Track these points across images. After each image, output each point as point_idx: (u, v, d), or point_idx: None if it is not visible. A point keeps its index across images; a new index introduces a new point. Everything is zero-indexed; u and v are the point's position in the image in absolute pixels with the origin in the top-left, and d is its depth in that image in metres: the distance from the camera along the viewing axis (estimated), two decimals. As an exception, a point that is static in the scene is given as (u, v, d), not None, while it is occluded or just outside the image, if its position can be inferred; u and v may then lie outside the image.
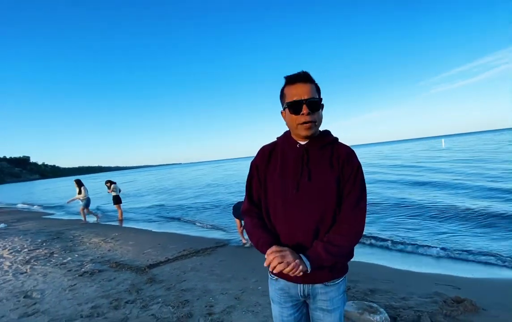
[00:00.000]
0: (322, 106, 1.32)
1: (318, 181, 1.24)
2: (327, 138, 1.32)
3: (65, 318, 3.20)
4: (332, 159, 1.27)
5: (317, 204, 1.22)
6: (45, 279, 4.57)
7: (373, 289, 3.48)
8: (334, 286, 1.30)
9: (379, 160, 31.00)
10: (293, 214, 1.24)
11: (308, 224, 1.22)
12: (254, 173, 1.39)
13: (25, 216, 15.06)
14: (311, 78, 1.27)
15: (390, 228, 6.95)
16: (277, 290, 1.37)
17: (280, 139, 1.40)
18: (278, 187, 1.29)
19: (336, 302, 1.31)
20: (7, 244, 7.54)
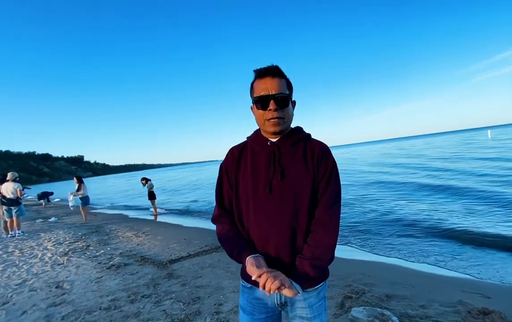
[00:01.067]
0: (294, 102, 1.26)
1: (292, 180, 1.16)
2: (299, 135, 1.24)
3: (86, 310, 3.36)
4: (306, 156, 1.19)
5: (291, 204, 1.15)
6: (77, 271, 4.87)
7: (390, 294, 3.22)
8: (313, 292, 1.20)
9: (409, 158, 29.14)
10: (266, 215, 1.16)
11: (282, 225, 1.15)
12: (223, 176, 1.31)
13: (74, 211, 16.27)
14: (281, 72, 1.19)
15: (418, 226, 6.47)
16: (252, 300, 1.26)
17: (250, 138, 1.32)
18: (249, 188, 1.21)
19: (316, 309, 1.21)
20: (53, 236, 8.18)
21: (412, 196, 10.03)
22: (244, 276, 1.28)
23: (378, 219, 7.70)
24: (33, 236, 8.41)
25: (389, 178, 15.02)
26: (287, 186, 1.15)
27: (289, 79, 1.23)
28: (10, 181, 8.57)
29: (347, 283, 3.57)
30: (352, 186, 13.73)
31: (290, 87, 1.23)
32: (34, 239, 7.94)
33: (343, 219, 8.26)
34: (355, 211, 8.87)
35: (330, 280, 3.68)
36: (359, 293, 3.26)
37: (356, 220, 7.80)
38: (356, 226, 7.28)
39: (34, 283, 4.43)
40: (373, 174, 17.78)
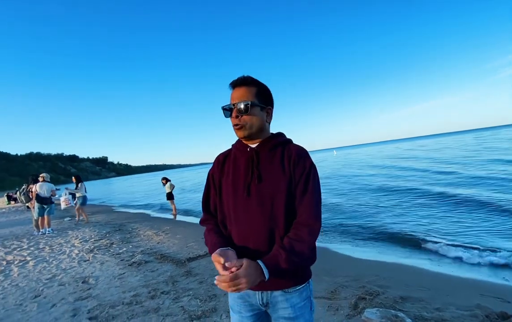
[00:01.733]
0: (268, 109, 1.30)
1: (268, 183, 1.21)
2: (277, 140, 1.30)
3: (109, 304, 3.53)
4: (283, 160, 1.24)
5: (268, 207, 1.19)
6: (101, 267, 5.10)
7: (405, 296, 3.18)
8: (295, 292, 1.23)
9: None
10: (245, 218, 1.21)
11: (260, 227, 1.19)
12: (210, 183, 1.40)
13: (99, 210, 16.94)
14: (249, 81, 1.26)
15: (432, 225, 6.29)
16: (236, 299, 1.31)
17: (234, 145, 1.39)
18: (230, 192, 1.27)
19: (298, 309, 1.23)
20: (80, 234, 8.57)
21: (433, 199, 9.74)
22: None
23: (394, 220, 7.55)
24: (61, 234, 8.85)
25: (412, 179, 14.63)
26: (264, 189, 1.20)
27: (264, 87, 1.29)
28: (45, 181, 9.08)
29: (361, 285, 3.55)
30: (367, 187, 13.48)
31: (262, 94, 1.27)
32: (63, 237, 8.35)
33: (357, 219, 8.17)
34: (369, 212, 8.74)
35: (344, 281, 3.70)
36: (373, 294, 3.24)
37: (371, 221, 7.68)
38: (370, 227, 7.17)
39: (62, 278, 4.69)
40: (389, 176, 17.36)
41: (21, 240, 8.29)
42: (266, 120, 1.30)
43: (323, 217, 8.63)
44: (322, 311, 2.97)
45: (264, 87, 1.29)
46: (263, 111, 1.27)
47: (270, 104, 1.31)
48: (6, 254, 6.64)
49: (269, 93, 1.31)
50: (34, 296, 4.03)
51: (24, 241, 8.10)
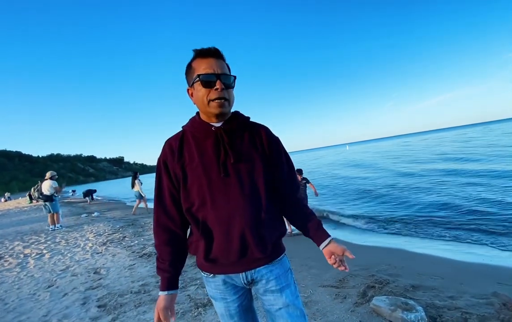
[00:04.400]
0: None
1: (245, 161, 1.15)
2: (241, 118, 1.24)
3: (118, 293, 3.53)
4: (253, 138, 1.21)
5: (249, 184, 1.13)
6: (113, 259, 5.13)
7: (416, 285, 3.04)
8: (277, 263, 1.22)
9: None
10: (225, 200, 1.11)
11: (246, 205, 1.11)
12: (162, 171, 1.20)
13: (114, 206, 17.24)
14: (222, 54, 1.17)
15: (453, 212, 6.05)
16: (219, 286, 1.22)
17: (187, 126, 1.23)
18: (201, 176, 1.13)
19: (283, 279, 1.20)
20: (94, 228, 8.71)
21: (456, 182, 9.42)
22: (203, 268, 1.22)
23: (410, 208, 7.33)
24: (77, 228, 9.02)
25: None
26: (242, 167, 1.14)
27: (229, 65, 1.21)
28: (48, 179, 9.16)
29: (371, 273, 3.42)
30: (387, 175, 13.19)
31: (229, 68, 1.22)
32: (78, 231, 8.50)
33: (372, 207, 7.97)
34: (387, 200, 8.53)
35: (353, 270, 3.58)
36: (382, 283, 3.11)
37: (387, 208, 7.49)
38: (385, 214, 6.99)
39: (75, 269, 4.74)
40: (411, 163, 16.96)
41: (39, 235, 8.49)
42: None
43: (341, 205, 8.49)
44: (329, 299, 2.86)
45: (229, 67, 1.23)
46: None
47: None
48: (24, 248, 6.80)
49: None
50: (47, 286, 4.09)
51: (42, 236, 8.29)
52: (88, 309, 3.16)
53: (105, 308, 3.14)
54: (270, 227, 1.17)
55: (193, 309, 2.91)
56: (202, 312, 2.84)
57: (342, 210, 8.47)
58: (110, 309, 3.10)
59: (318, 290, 3.09)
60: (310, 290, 3.12)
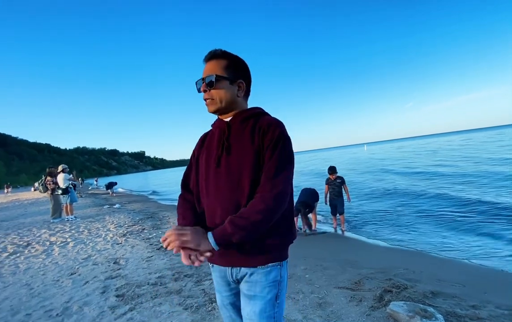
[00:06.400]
0: (239, 83, 1.22)
1: (237, 154, 1.15)
2: (249, 112, 1.23)
3: (136, 284, 3.57)
4: (253, 132, 1.16)
5: (236, 177, 1.13)
6: (132, 250, 5.22)
7: (436, 291, 2.89)
8: (261, 270, 1.13)
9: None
10: (214, 189, 1.17)
11: (227, 198, 1.13)
12: (192, 161, 1.36)
13: (135, 199, 17.64)
14: (218, 54, 1.20)
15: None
16: (216, 277, 1.27)
17: (213, 122, 1.35)
18: (203, 165, 1.25)
19: (259, 289, 1.12)
20: (115, 220, 8.92)
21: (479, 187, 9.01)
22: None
23: (429, 211, 7.06)
24: (99, 219, 9.27)
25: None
26: (233, 160, 1.15)
27: (235, 60, 1.21)
28: (61, 172, 9.47)
29: (388, 277, 3.30)
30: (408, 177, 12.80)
31: (232, 67, 1.20)
32: (100, 222, 8.74)
33: (390, 210, 7.73)
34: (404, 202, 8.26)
35: (369, 273, 3.45)
36: (400, 287, 2.99)
37: (404, 211, 7.25)
38: (403, 217, 6.76)
39: (96, 258, 4.85)
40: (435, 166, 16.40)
41: (64, 224, 8.78)
42: (238, 94, 1.22)
43: (357, 207, 8.30)
44: (344, 301, 2.77)
45: (235, 60, 1.21)
46: (233, 85, 1.20)
47: (241, 78, 1.22)
48: (50, 236, 7.05)
49: (241, 66, 1.23)
50: (70, 273, 4.20)
51: (67, 225, 8.57)
52: (107, 298, 3.21)
53: (123, 298, 3.18)
54: None
55: (207, 304, 2.90)
56: (215, 307, 2.81)
57: (360, 209, 8.28)
58: (128, 299, 3.13)
59: (333, 291, 3.00)
60: (325, 290, 3.04)
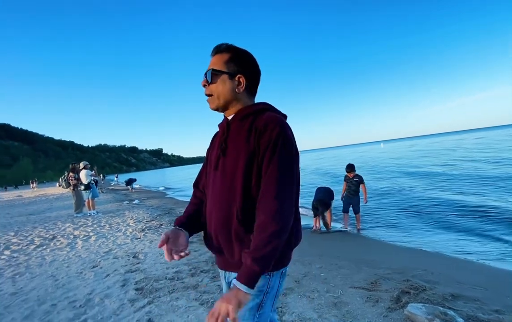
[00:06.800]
0: (239, 77, 1.12)
1: (232, 157, 1.09)
2: (250, 109, 1.13)
3: (154, 278, 3.66)
4: (249, 132, 1.06)
5: (229, 181, 1.08)
6: (150, 245, 5.35)
7: (456, 294, 2.80)
8: None
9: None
10: (211, 192, 1.15)
11: (222, 202, 1.09)
12: (206, 159, 1.33)
13: (153, 195, 18.03)
14: (221, 49, 1.13)
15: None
16: (221, 278, 1.26)
17: None
18: (206, 167, 1.25)
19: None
20: (134, 215, 9.16)
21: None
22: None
23: (451, 210, 6.83)
24: (119, 214, 9.54)
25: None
26: (228, 162, 1.10)
27: (238, 53, 1.13)
28: (83, 169, 9.88)
29: (406, 278, 3.22)
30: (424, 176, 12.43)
31: (234, 61, 1.12)
32: (120, 217, 9.00)
33: (408, 207, 7.53)
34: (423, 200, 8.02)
35: (386, 273, 3.38)
36: (418, 289, 2.91)
37: (420, 211, 7.04)
38: (418, 217, 6.57)
39: (117, 252, 5.00)
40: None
41: (87, 218, 9.11)
42: (237, 89, 1.12)
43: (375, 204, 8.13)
44: (360, 301, 2.73)
45: (238, 53, 1.13)
46: (232, 80, 1.12)
47: (241, 72, 1.12)
48: (74, 230, 7.33)
49: (244, 60, 1.13)
50: (92, 266, 4.35)
51: (89, 219, 8.89)
52: (127, 291, 3.31)
53: (142, 292, 3.26)
54: (244, 232, 1.04)
55: (223, 300, 2.93)
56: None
57: (374, 208, 8.11)
58: (146, 293, 3.21)
59: (348, 291, 2.96)
60: (340, 290, 3.00)
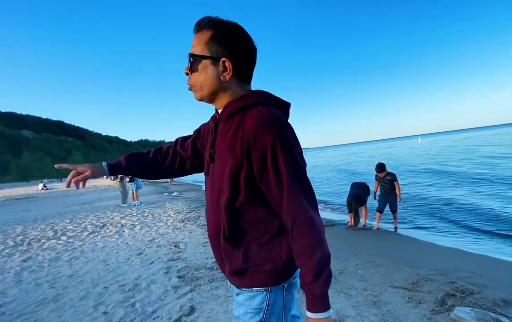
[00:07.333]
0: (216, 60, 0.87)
1: (218, 165, 0.92)
2: (238, 103, 0.89)
3: (194, 267, 3.82)
4: (235, 137, 0.86)
5: (216, 194, 0.92)
6: (190, 235, 5.58)
7: (509, 299, 2.57)
8: (245, 292, 0.93)
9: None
10: (207, 197, 1.02)
11: (211, 213, 0.97)
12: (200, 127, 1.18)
13: (191, 188, 18.75)
14: (202, 24, 0.88)
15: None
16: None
17: None
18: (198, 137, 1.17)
19: (242, 311, 0.94)
20: (174, 206, 9.60)
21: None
22: None
23: (491, 210, 6.28)
24: (161, 205, 10.07)
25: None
26: (215, 170, 0.93)
27: (222, 29, 0.86)
28: None
29: (450, 280, 3.03)
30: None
31: (216, 40, 0.86)
32: (162, 208, 9.49)
33: (444, 206, 7.04)
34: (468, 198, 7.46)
35: (428, 273, 3.21)
36: (465, 292, 2.72)
37: (470, 208, 6.55)
38: (460, 214, 6.11)
39: (159, 241, 5.30)
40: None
41: (132, 208, 9.73)
42: (222, 76, 0.88)
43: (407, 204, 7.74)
44: (401, 302, 2.62)
45: (221, 30, 0.86)
46: (216, 65, 0.87)
47: (226, 54, 0.86)
48: (121, 219, 7.87)
49: (227, 38, 0.86)
50: (138, 253, 4.65)
51: (134, 209, 9.48)
52: (170, 278, 3.50)
53: (184, 279, 3.43)
54: (232, 249, 0.92)
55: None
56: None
57: (412, 204, 7.69)
58: (188, 281, 3.37)
59: (387, 290, 2.86)
60: (379, 288, 2.91)
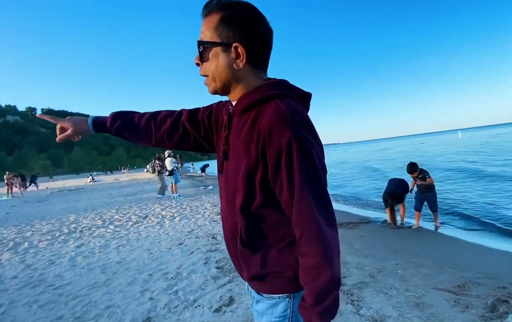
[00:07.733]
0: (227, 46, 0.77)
1: (232, 163, 0.85)
2: (254, 96, 0.79)
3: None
4: (251, 135, 0.77)
5: (231, 193, 0.86)
6: (226, 228, 5.75)
7: None
8: (265, 299, 0.87)
9: None
10: (221, 195, 0.94)
11: (226, 213, 0.91)
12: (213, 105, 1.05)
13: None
14: (209, 7, 0.78)
15: None
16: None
17: None
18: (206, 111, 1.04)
19: (260, 320, 0.89)
20: (210, 200, 9.91)
21: None
22: None
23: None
24: (197, 198, 10.44)
25: None
26: (229, 170, 0.86)
27: (232, 10, 0.76)
28: (168, 157, 11.18)
29: (501, 285, 2.82)
30: None
31: (226, 23, 0.76)
32: (199, 200, 9.84)
33: (496, 202, 6.48)
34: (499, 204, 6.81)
35: (475, 277, 3.02)
36: (519, 299, 2.52)
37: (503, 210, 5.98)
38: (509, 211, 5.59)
39: (198, 233, 5.52)
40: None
41: (171, 201, 10.21)
42: (235, 64, 0.78)
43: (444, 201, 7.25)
44: (446, 305, 2.50)
45: (231, 12, 0.76)
46: (227, 52, 0.77)
47: (238, 38, 0.76)
48: (162, 210, 8.30)
49: (238, 20, 0.76)
50: (178, 243, 4.90)
51: (173, 202, 9.94)
52: (209, 268, 3.65)
53: (222, 270, 3.56)
54: (250, 254, 0.86)
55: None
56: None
57: (461, 203, 7.19)
58: (226, 272, 3.49)
59: (431, 292, 2.74)
60: (422, 290, 2.79)
